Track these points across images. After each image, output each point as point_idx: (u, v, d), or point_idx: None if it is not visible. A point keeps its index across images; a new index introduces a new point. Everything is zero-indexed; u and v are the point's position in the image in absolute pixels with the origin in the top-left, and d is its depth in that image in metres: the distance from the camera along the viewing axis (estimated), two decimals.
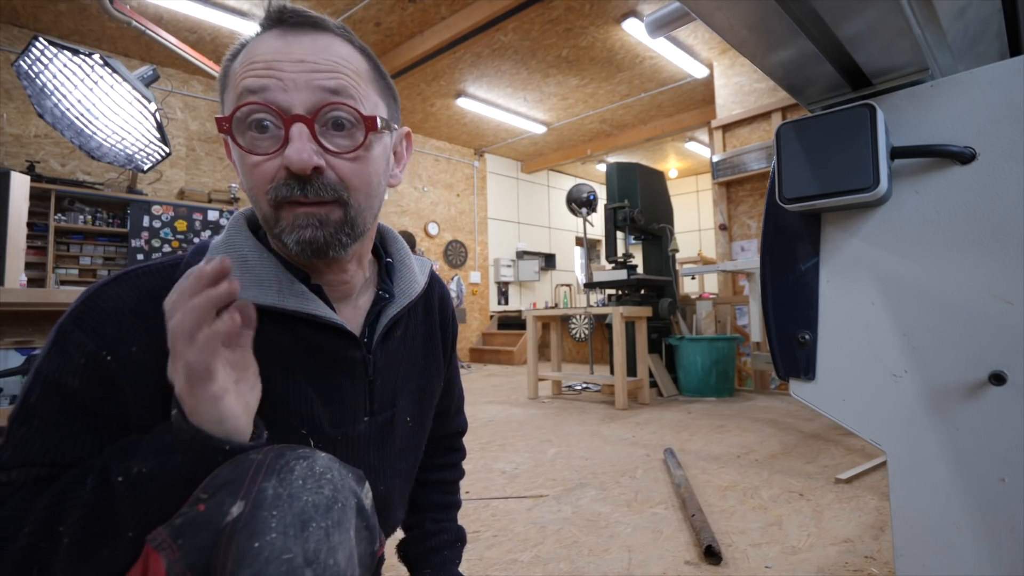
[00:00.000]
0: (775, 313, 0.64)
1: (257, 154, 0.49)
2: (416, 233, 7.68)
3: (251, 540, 0.37)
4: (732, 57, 5.03)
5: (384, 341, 0.62)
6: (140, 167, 2.16)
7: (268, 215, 0.50)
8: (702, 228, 10.32)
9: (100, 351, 0.46)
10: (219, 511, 0.39)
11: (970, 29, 0.62)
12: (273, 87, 0.48)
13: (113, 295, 0.49)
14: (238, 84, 0.49)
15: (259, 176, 0.49)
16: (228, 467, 0.42)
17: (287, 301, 0.52)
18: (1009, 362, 0.49)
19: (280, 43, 0.50)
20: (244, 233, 0.56)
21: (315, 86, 0.49)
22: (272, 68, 0.48)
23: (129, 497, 0.42)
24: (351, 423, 0.58)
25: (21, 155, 4.60)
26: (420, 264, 0.72)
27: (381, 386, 0.61)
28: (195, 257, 0.54)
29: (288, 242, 0.50)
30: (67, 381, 0.46)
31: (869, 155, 0.54)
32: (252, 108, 0.48)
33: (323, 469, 0.43)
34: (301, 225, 0.50)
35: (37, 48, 1.78)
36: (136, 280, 0.51)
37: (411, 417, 0.66)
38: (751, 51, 0.59)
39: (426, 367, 0.70)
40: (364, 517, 0.46)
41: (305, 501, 0.40)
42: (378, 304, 0.62)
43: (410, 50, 5.01)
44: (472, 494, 1.88)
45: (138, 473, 0.42)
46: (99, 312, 0.48)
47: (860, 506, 1.67)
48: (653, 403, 3.79)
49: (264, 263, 0.54)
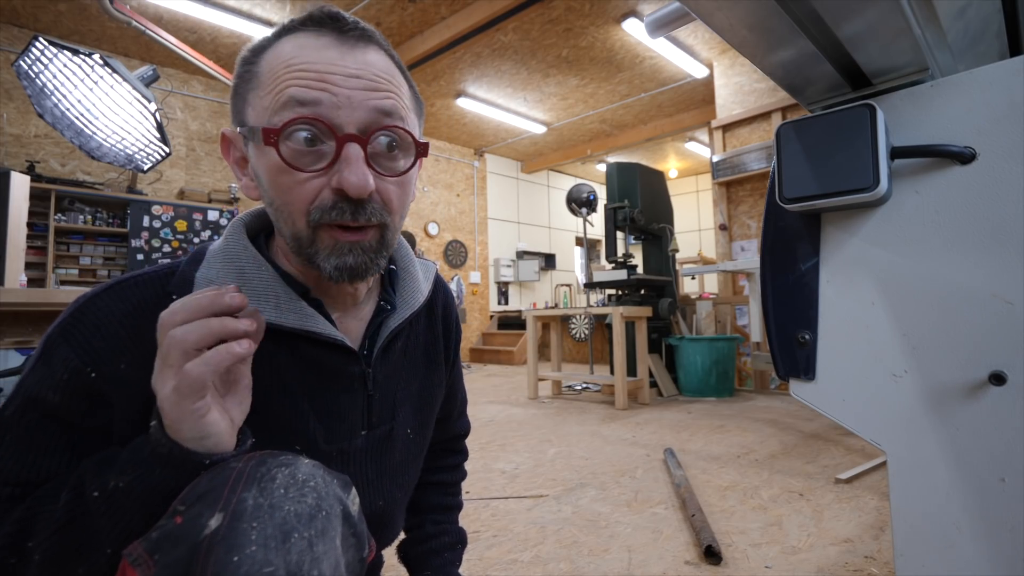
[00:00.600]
0: (775, 313, 0.64)
1: (304, 171, 0.46)
2: (416, 233, 7.68)
3: (230, 554, 0.36)
4: (732, 57, 5.03)
5: (384, 354, 0.60)
6: (140, 167, 2.16)
7: (303, 235, 0.48)
8: (702, 228, 10.32)
9: (85, 367, 0.45)
10: (197, 524, 0.37)
11: (970, 29, 0.62)
12: (326, 102, 0.45)
13: (103, 307, 0.47)
14: (281, 90, 0.46)
15: (300, 194, 0.47)
16: (207, 477, 0.40)
17: (286, 318, 0.51)
18: (1009, 362, 0.49)
19: (334, 53, 0.47)
20: (243, 242, 0.54)
21: (369, 106, 0.47)
22: (325, 81, 0.46)
23: (106, 512, 0.41)
24: (347, 438, 0.57)
25: (21, 155, 4.60)
26: (424, 269, 0.69)
27: (380, 399, 0.60)
28: (191, 266, 0.52)
29: (325, 266, 0.49)
30: (47, 396, 0.44)
31: (869, 155, 0.54)
32: (305, 124, 0.45)
33: (306, 476, 0.42)
34: (343, 252, 0.48)
35: (37, 48, 1.78)
36: (128, 291, 0.49)
37: (411, 429, 0.64)
38: (751, 51, 0.59)
39: (427, 377, 0.68)
40: (351, 524, 0.44)
41: (287, 511, 0.39)
42: (379, 315, 0.60)
43: (410, 50, 5.01)
44: (472, 494, 1.88)
45: (115, 488, 0.41)
46: (87, 326, 0.46)
47: (860, 506, 1.67)
48: (653, 403, 3.79)
49: (262, 276, 0.52)
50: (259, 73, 0.48)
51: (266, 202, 0.51)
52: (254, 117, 0.48)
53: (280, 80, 0.46)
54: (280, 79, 0.46)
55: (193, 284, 0.50)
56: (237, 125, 0.51)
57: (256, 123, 0.48)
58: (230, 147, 0.54)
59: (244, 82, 0.50)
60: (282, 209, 0.49)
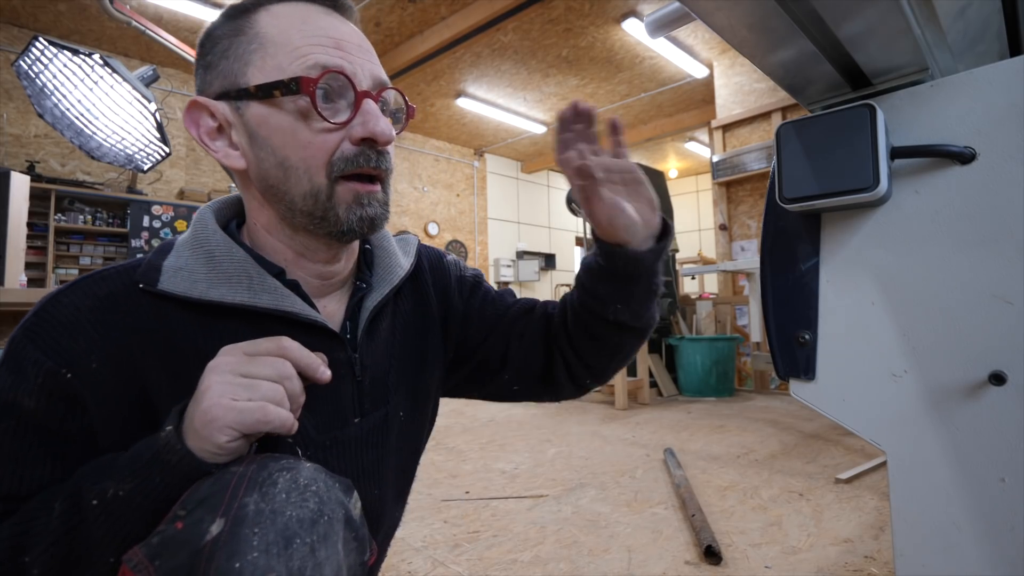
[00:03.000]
0: (775, 313, 0.64)
1: (331, 121, 0.48)
2: (416, 233, 7.67)
3: (231, 560, 0.35)
4: (732, 57, 5.03)
5: (369, 335, 0.58)
6: (140, 167, 2.16)
7: (322, 188, 0.49)
8: (702, 228, 10.32)
9: (59, 368, 0.43)
10: (197, 529, 0.37)
11: (970, 29, 0.62)
12: (345, 66, 0.49)
13: (67, 303, 0.46)
14: (305, 54, 0.48)
15: (321, 146, 0.48)
16: (208, 481, 0.40)
17: (259, 298, 0.49)
18: (1009, 362, 0.49)
19: (335, 21, 0.51)
20: (211, 227, 0.52)
21: (374, 73, 0.51)
22: (341, 48, 0.49)
23: (105, 521, 0.40)
24: (340, 427, 0.55)
25: (21, 155, 4.60)
26: (403, 244, 0.67)
27: (371, 384, 0.58)
28: (159, 256, 0.51)
29: (349, 218, 0.50)
30: (22, 402, 0.43)
31: (869, 155, 0.54)
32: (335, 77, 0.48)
33: (308, 481, 0.41)
34: (363, 203, 0.50)
35: (37, 48, 1.78)
36: (92, 286, 0.47)
37: (404, 412, 0.62)
38: (751, 51, 0.59)
39: (420, 353, 0.65)
40: (353, 528, 0.44)
41: (289, 516, 0.38)
42: (356, 295, 0.58)
43: (410, 50, 5.01)
44: (472, 494, 1.88)
45: (114, 495, 0.40)
46: (53, 325, 0.44)
47: (860, 506, 1.67)
48: (653, 403, 3.79)
49: (233, 257, 0.50)
50: (262, 35, 0.49)
51: (267, 166, 0.50)
52: (263, 76, 0.48)
53: (297, 41, 0.48)
54: (296, 40, 0.48)
55: (160, 271, 0.49)
56: (224, 90, 0.50)
57: (268, 79, 0.48)
58: (200, 116, 0.52)
59: (239, 44, 0.49)
60: (297, 165, 0.49)
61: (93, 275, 0.49)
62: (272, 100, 0.48)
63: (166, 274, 0.49)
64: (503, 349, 0.70)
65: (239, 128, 0.50)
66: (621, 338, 0.65)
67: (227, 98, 0.50)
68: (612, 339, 0.65)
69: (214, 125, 0.52)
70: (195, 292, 0.48)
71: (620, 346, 0.66)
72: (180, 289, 0.48)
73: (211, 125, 0.52)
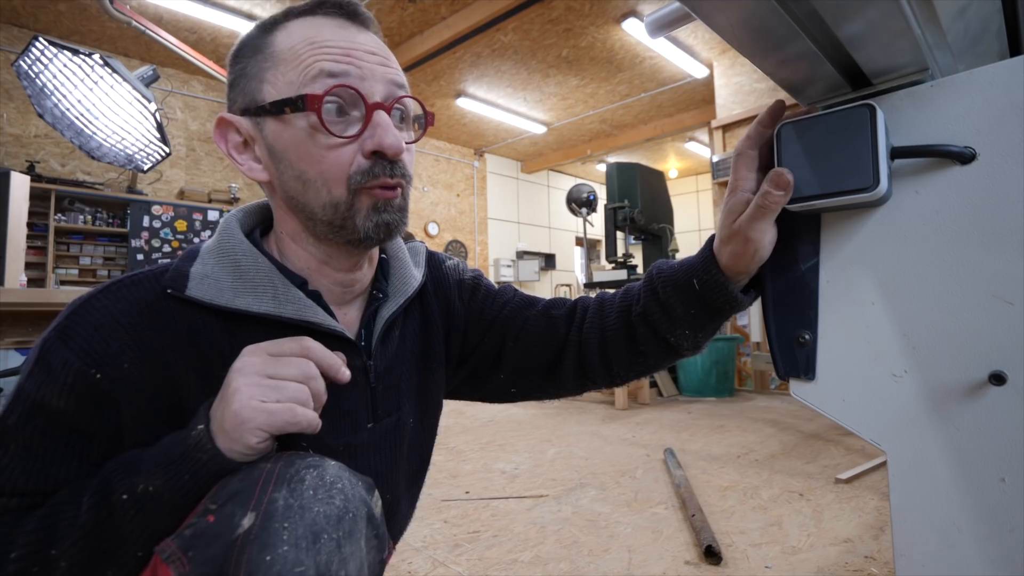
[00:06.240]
0: (775, 313, 0.64)
1: (341, 136, 0.49)
2: (416, 233, 7.68)
3: (263, 553, 0.36)
4: (732, 57, 5.02)
5: (383, 343, 0.60)
6: (140, 167, 2.16)
7: (341, 200, 0.50)
8: (702, 228, 10.32)
9: (89, 369, 0.44)
10: (230, 523, 0.38)
11: (970, 29, 0.62)
12: (354, 74, 0.49)
13: (100, 307, 0.47)
14: (310, 64, 0.48)
15: (337, 160, 0.49)
16: (237, 477, 0.41)
17: (284, 308, 0.51)
18: (1009, 362, 0.49)
19: (348, 32, 0.51)
20: (237, 236, 0.54)
21: (387, 79, 0.51)
22: (350, 56, 0.49)
23: (135, 516, 0.41)
24: (353, 432, 0.57)
25: (21, 155, 4.60)
26: (414, 254, 0.69)
27: (384, 391, 0.59)
28: (186, 262, 0.52)
29: (366, 225, 0.51)
30: (52, 402, 0.44)
31: (869, 155, 0.54)
32: (344, 90, 0.48)
33: (333, 479, 0.42)
34: (381, 210, 0.51)
35: (37, 48, 1.78)
36: (124, 291, 0.49)
37: (414, 418, 0.64)
38: (751, 51, 0.59)
39: (426, 362, 0.67)
40: (374, 526, 0.45)
41: (316, 512, 0.39)
42: (372, 304, 0.60)
43: (410, 50, 5.01)
44: (472, 494, 1.88)
45: (144, 491, 0.41)
46: (86, 327, 0.46)
47: (860, 506, 1.67)
48: (653, 403, 3.79)
49: (259, 268, 0.52)
50: (275, 52, 0.50)
51: (287, 178, 0.51)
52: (276, 92, 0.49)
53: (305, 56, 0.49)
54: (305, 55, 0.49)
55: (188, 278, 0.50)
56: (245, 107, 0.52)
57: (281, 96, 0.49)
58: (228, 132, 0.53)
59: (256, 63, 0.51)
60: (315, 179, 0.50)
61: (123, 280, 0.50)
62: (284, 116, 0.49)
63: (193, 280, 0.50)
64: (500, 341, 0.70)
65: (260, 143, 0.52)
66: (663, 358, 0.64)
67: (248, 114, 0.52)
68: (654, 356, 0.64)
69: (240, 140, 0.53)
70: (221, 300, 0.50)
71: (657, 364, 0.66)
72: (207, 296, 0.50)
73: (237, 140, 0.54)
